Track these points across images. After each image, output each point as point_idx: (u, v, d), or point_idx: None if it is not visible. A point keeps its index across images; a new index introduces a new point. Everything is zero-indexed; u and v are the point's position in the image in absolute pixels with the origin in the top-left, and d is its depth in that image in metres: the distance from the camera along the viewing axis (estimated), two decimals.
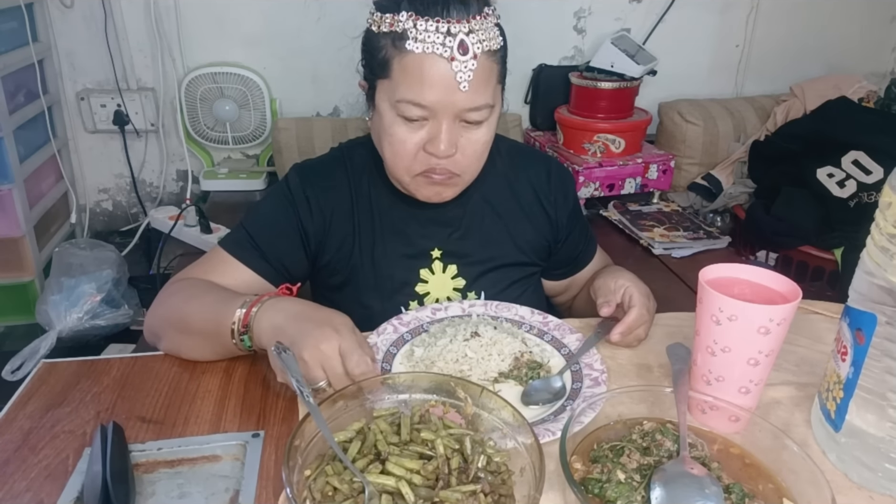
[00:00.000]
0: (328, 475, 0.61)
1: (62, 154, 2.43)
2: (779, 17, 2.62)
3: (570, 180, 1.16)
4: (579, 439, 0.70)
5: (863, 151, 2.02)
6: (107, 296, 2.13)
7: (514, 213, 1.10)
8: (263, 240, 1.00)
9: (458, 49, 0.84)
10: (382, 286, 1.05)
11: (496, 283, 1.09)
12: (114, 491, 0.64)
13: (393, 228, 1.06)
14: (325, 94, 2.46)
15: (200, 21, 2.33)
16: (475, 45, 0.85)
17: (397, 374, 0.81)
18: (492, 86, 0.91)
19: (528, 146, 1.16)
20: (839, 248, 1.93)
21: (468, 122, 0.91)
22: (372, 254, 1.05)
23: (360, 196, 1.05)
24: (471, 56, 0.85)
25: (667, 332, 0.96)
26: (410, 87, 0.87)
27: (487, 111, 0.91)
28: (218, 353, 0.88)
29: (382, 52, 0.89)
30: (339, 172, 1.06)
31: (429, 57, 0.85)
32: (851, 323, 0.69)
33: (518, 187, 1.10)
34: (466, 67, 0.85)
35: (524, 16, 2.43)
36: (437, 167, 0.93)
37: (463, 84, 0.86)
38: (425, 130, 0.91)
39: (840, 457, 0.72)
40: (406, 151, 0.92)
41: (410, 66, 0.86)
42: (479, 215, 1.08)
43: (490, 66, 0.89)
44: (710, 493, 0.61)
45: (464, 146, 0.92)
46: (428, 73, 0.86)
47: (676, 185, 2.48)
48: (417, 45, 0.85)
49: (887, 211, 0.64)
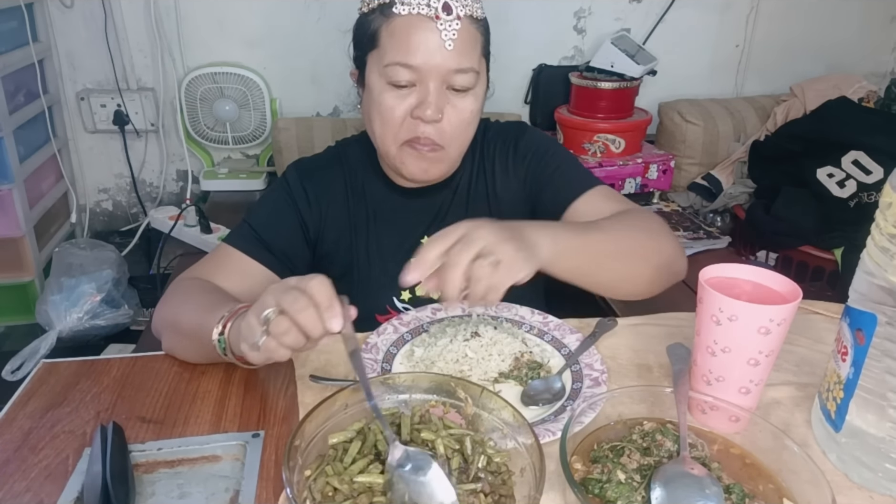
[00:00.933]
0: (328, 475, 0.61)
1: (62, 154, 2.43)
2: (779, 17, 2.62)
3: (541, 136, 1.12)
4: (579, 439, 0.70)
5: (863, 151, 2.02)
6: (107, 296, 2.13)
7: (498, 196, 1.10)
8: (267, 232, 1.03)
9: (442, 9, 0.89)
10: (377, 277, 1.08)
11: None
12: (114, 491, 0.64)
13: (386, 220, 1.09)
14: (325, 94, 2.46)
15: (200, 21, 2.33)
16: (458, 8, 0.90)
17: (397, 375, 0.81)
18: (477, 53, 0.95)
19: (503, 123, 1.14)
20: (839, 248, 1.93)
21: (455, 90, 0.94)
22: (367, 245, 1.08)
23: (354, 190, 1.09)
24: (454, 16, 0.90)
25: (667, 332, 0.96)
26: (398, 49, 0.91)
27: (473, 77, 0.94)
28: (204, 356, 0.87)
29: (372, 26, 0.94)
30: (335, 168, 1.10)
31: (415, 18, 0.90)
32: (852, 323, 0.69)
33: (497, 167, 1.10)
34: (451, 27, 0.90)
35: (524, 16, 2.43)
36: (422, 136, 0.95)
37: (448, 42, 0.90)
38: (413, 97, 0.94)
39: (840, 457, 0.72)
40: (394, 118, 0.95)
41: (398, 30, 0.91)
42: (466, 202, 1.10)
43: (474, 32, 0.94)
44: (711, 494, 0.61)
45: (450, 114, 0.95)
46: (414, 34, 0.90)
47: (676, 185, 2.48)
48: (403, 8, 0.90)
49: (888, 211, 0.64)
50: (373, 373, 0.84)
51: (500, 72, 1.03)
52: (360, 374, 0.67)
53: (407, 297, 1.08)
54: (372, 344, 0.90)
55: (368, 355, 0.88)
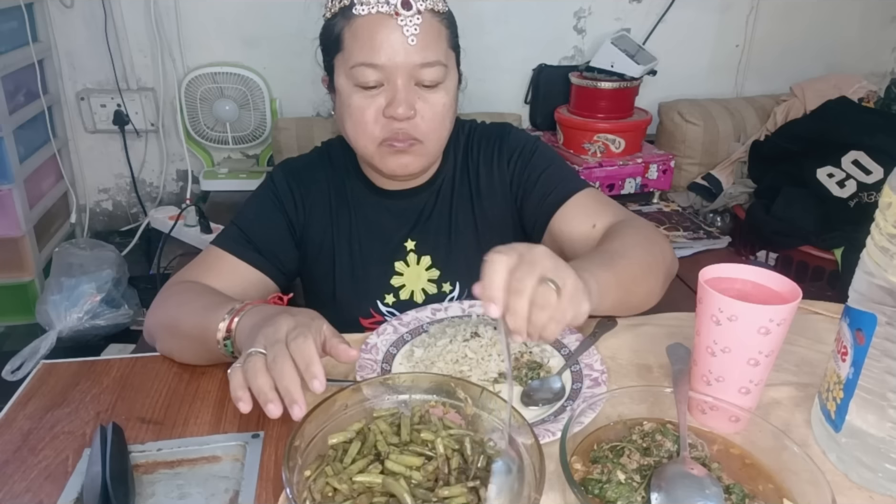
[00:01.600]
0: (328, 476, 0.61)
1: (62, 154, 2.43)
2: (779, 17, 2.62)
3: (525, 137, 1.12)
4: (579, 440, 0.70)
5: (863, 151, 2.02)
6: (107, 296, 2.13)
7: (483, 197, 1.09)
8: (254, 233, 1.03)
9: (401, 5, 0.89)
10: (359, 278, 1.08)
11: (470, 272, 1.09)
12: (113, 492, 0.63)
13: (368, 221, 1.08)
14: (325, 93, 2.45)
15: (200, 21, 2.33)
16: (418, 3, 0.90)
17: (397, 375, 0.81)
18: (443, 46, 0.95)
19: (488, 124, 1.13)
20: (839, 248, 1.93)
21: (424, 86, 0.94)
22: (349, 247, 1.08)
23: (337, 191, 1.09)
24: (414, 11, 0.90)
25: (667, 332, 0.96)
26: (362, 49, 0.91)
27: (441, 70, 0.94)
28: (205, 357, 0.88)
29: (335, 29, 0.94)
30: (320, 169, 1.10)
31: (375, 17, 0.90)
32: (851, 323, 0.69)
33: (482, 168, 1.09)
34: (412, 22, 0.90)
35: (524, 16, 2.43)
36: (399, 133, 0.94)
37: (410, 38, 0.90)
38: (382, 97, 0.94)
39: (840, 457, 0.72)
40: (365, 119, 0.94)
41: (360, 30, 0.91)
42: (450, 203, 1.09)
43: (437, 25, 0.93)
44: (711, 494, 0.61)
45: (422, 110, 0.94)
46: (376, 33, 0.90)
47: (676, 185, 2.48)
48: (363, 8, 0.90)
49: (887, 211, 0.64)
50: (372, 373, 0.84)
51: (500, 72, 1.04)
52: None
53: (391, 301, 1.08)
54: (372, 344, 0.90)
55: (368, 355, 0.88)
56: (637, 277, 0.86)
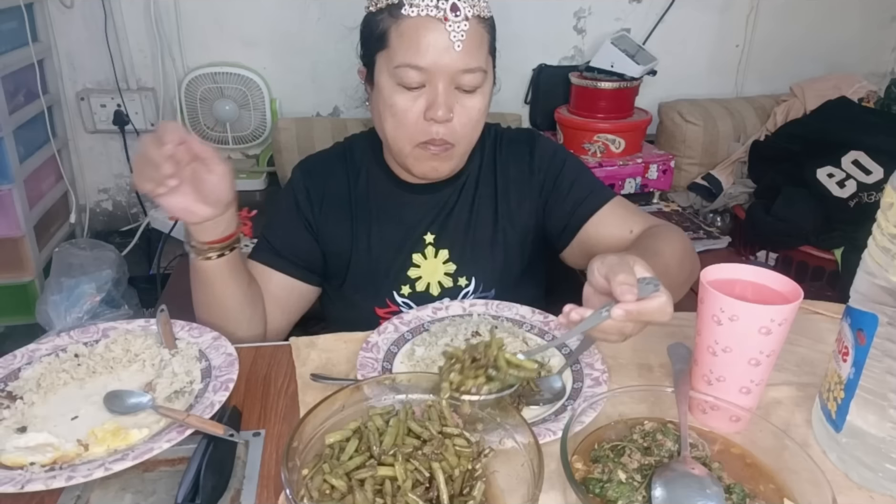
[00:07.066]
0: (325, 473, 0.61)
1: (62, 154, 2.42)
2: (779, 17, 2.62)
3: (554, 146, 1.15)
4: (580, 439, 0.70)
5: (863, 151, 2.02)
6: (107, 296, 2.13)
7: (509, 200, 1.11)
8: (278, 240, 1.08)
9: (450, 10, 0.90)
10: (378, 270, 1.09)
11: (486, 268, 1.10)
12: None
13: (389, 214, 1.10)
14: (325, 94, 2.45)
15: (200, 21, 2.33)
16: (466, 8, 0.91)
17: (397, 374, 0.81)
18: (484, 52, 0.96)
19: (514, 130, 1.17)
20: (839, 248, 1.93)
21: (464, 90, 0.95)
22: (368, 238, 1.10)
23: (357, 185, 1.11)
24: (462, 17, 0.91)
25: (668, 331, 0.96)
26: (408, 50, 0.92)
27: (481, 76, 0.96)
28: (209, 292, 0.96)
29: (380, 26, 0.95)
30: (339, 164, 1.12)
31: (423, 19, 0.91)
32: (852, 323, 0.69)
33: (512, 172, 1.12)
34: (459, 28, 0.91)
35: (524, 16, 2.42)
36: (436, 137, 0.96)
37: (457, 44, 0.91)
38: (423, 99, 0.95)
39: (841, 457, 0.72)
40: (408, 120, 0.96)
41: (407, 31, 0.92)
42: (472, 201, 1.11)
43: (481, 31, 0.95)
44: (711, 493, 0.61)
45: (459, 113, 0.96)
46: (423, 35, 0.91)
47: (676, 185, 2.48)
48: (413, 10, 0.91)
49: (889, 211, 0.64)
50: (374, 371, 0.84)
51: (500, 72, 1.04)
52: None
53: (407, 292, 1.09)
54: (373, 343, 0.90)
55: (369, 354, 0.88)
56: (674, 273, 0.92)
